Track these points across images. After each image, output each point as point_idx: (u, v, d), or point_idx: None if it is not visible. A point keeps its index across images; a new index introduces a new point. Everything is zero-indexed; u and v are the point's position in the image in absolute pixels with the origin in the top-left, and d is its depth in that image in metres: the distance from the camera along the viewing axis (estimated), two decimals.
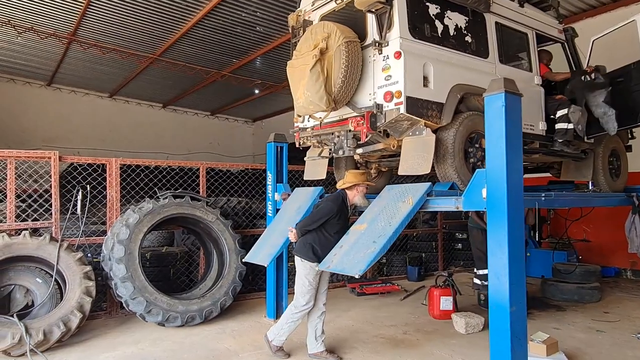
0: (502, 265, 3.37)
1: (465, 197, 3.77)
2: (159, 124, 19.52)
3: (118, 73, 15.03)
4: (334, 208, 4.49)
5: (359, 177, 4.66)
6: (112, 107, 18.55)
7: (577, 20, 9.50)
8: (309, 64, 4.40)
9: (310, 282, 4.50)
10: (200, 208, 6.24)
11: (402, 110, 4.21)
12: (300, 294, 4.53)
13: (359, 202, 4.67)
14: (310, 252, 4.47)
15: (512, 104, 3.49)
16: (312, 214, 4.58)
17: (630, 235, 6.24)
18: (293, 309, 4.57)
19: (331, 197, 4.69)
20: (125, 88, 16.97)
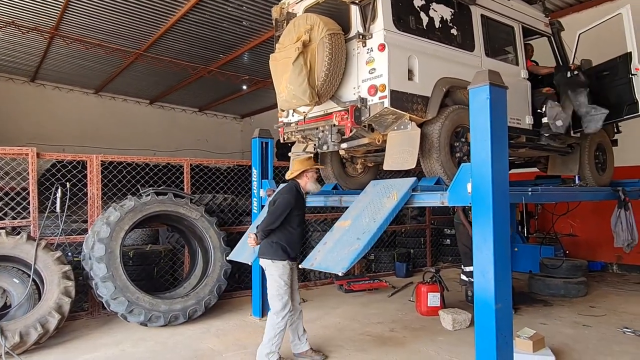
0: (488, 261, 3.32)
1: (450, 192, 3.70)
2: (146, 121, 19.25)
3: (103, 69, 14.76)
4: (292, 199, 4.36)
5: (305, 163, 4.56)
6: (98, 104, 18.25)
7: (564, 15, 9.49)
8: (292, 57, 4.30)
9: (286, 281, 4.37)
10: (184, 205, 6.12)
11: (386, 104, 4.13)
12: (277, 298, 4.32)
13: (311, 189, 4.57)
14: (279, 250, 4.34)
15: (497, 97, 3.43)
16: (271, 212, 4.34)
17: (616, 229, 6.24)
18: (274, 317, 4.32)
19: (284, 189, 4.52)
20: (111, 84, 16.69)
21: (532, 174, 8.06)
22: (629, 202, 6.20)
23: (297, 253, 4.54)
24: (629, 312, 6.14)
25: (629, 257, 8.87)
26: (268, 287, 4.41)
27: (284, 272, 4.36)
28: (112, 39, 11.84)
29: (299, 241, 4.58)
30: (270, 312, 4.39)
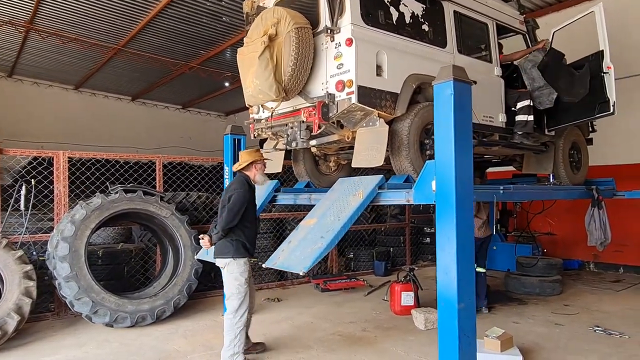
0: (450, 260, 3.25)
1: (415, 189, 3.63)
2: (128, 118, 18.95)
3: (82, 64, 14.47)
4: (245, 193, 4.29)
5: (253, 154, 4.50)
6: (78, 100, 17.92)
7: (543, 14, 9.52)
8: (258, 51, 4.19)
9: (246, 279, 4.30)
10: (154, 203, 5.98)
11: (353, 100, 4.04)
12: (236, 297, 4.24)
13: (260, 180, 4.52)
14: (240, 247, 4.26)
15: (462, 93, 3.36)
16: (229, 209, 4.21)
17: (590, 228, 6.25)
18: (232, 317, 4.23)
19: (235, 184, 4.41)
20: (91, 80, 16.39)
21: (510, 172, 8.07)
22: (602, 201, 6.22)
23: (254, 248, 4.47)
24: (601, 310, 6.15)
25: (605, 256, 8.93)
26: (227, 286, 4.32)
27: (245, 269, 4.28)
28: (89, 34, 11.59)
29: (256, 236, 4.53)
30: (227, 312, 4.29)
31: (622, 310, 6.16)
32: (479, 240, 6.07)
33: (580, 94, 5.33)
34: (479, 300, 6.07)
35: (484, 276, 6.12)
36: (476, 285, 6.06)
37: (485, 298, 6.09)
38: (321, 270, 8.48)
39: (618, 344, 4.83)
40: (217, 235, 4.26)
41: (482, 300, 6.07)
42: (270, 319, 5.91)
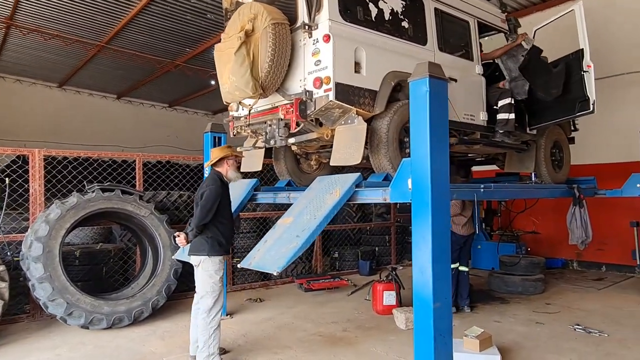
0: (426, 259, 3.20)
1: (392, 188, 3.58)
2: (113, 116, 18.69)
3: (65, 61, 14.23)
4: (218, 189, 4.26)
5: (225, 150, 4.46)
6: (62, 98, 17.63)
7: (528, 14, 9.55)
8: (234, 47, 4.12)
9: (221, 277, 4.26)
10: (132, 202, 5.86)
11: (331, 97, 3.98)
12: (211, 296, 4.19)
13: (232, 177, 4.48)
14: (216, 245, 4.20)
15: (437, 90, 3.31)
16: (202, 206, 4.17)
17: (571, 226, 6.26)
18: (206, 317, 4.17)
19: (207, 181, 4.38)
20: (75, 78, 16.12)
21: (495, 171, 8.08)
22: (583, 199, 6.23)
23: (230, 246, 4.41)
24: (582, 308, 6.17)
25: (588, 254, 9.00)
26: (201, 284, 4.25)
27: (220, 267, 4.23)
28: (70, 30, 11.39)
29: (232, 234, 4.47)
30: (200, 312, 4.21)
31: (603, 308, 6.18)
32: (463, 238, 6.05)
33: (552, 94, 5.33)
34: (461, 299, 6.07)
35: (466, 275, 6.11)
36: (459, 284, 6.10)
37: (467, 297, 6.08)
38: (305, 269, 8.42)
39: (597, 343, 4.83)
40: (192, 232, 4.19)
41: (464, 299, 6.06)
42: (251, 320, 5.84)
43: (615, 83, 8.48)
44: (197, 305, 4.35)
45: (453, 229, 6.00)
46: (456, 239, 5.98)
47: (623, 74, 8.44)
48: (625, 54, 8.46)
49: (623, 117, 8.35)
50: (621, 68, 8.48)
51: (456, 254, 6.01)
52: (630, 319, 5.69)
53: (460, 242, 6.01)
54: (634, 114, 7.92)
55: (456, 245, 5.99)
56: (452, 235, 5.96)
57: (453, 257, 5.98)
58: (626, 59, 8.43)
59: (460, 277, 6.06)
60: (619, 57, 8.50)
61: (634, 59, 8.35)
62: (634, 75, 8.35)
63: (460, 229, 5.98)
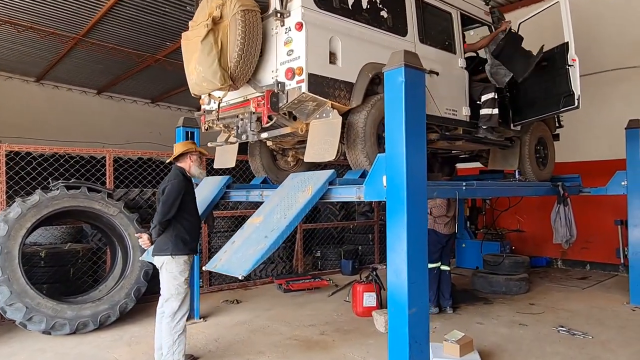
0: (401, 261, 3.00)
1: (366, 185, 3.37)
2: (93, 112, 18.20)
3: (42, 55, 13.76)
4: (181, 184, 4.04)
5: (186, 145, 4.27)
6: (40, 93, 17.10)
7: (513, 10, 9.41)
8: (201, 35, 3.86)
9: (186, 279, 4.04)
10: (100, 200, 5.57)
11: (303, 89, 3.76)
12: (176, 299, 3.97)
13: (196, 173, 4.29)
14: (180, 244, 3.98)
15: (414, 80, 3.11)
16: (163, 202, 3.94)
17: (555, 225, 6.15)
18: (170, 321, 3.95)
19: (170, 176, 4.16)
20: (53, 72, 15.62)
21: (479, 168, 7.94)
22: (568, 197, 6.11)
23: (197, 245, 4.18)
24: (566, 309, 6.04)
25: (573, 253, 8.91)
26: (165, 286, 4.02)
27: (185, 268, 3.99)
28: (45, 22, 10.96)
29: (198, 231, 4.24)
30: (165, 315, 3.97)
31: (587, 308, 6.06)
32: (445, 237, 5.88)
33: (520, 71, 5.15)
34: (443, 299, 5.90)
35: (448, 275, 5.94)
36: (440, 284, 5.92)
37: (450, 297, 5.91)
38: (286, 269, 8.19)
39: (581, 345, 4.69)
40: (155, 230, 3.95)
41: (447, 299, 5.89)
42: (225, 323, 5.59)
43: (602, 79, 8.37)
44: (162, 309, 4.11)
45: (435, 227, 5.83)
46: (438, 238, 5.81)
47: (610, 70, 8.34)
48: (612, 50, 8.36)
49: (609, 114, 8.25)
50: (608, 64, 8.38)
51: (438, 254, 5.83)
52: (614, 319, 5.57)
53: (442, 241, 5.84)
54: (621, 110, 7.82)
55: (438, 245, 5.82)
56: (434, 234, 5.79)
57: (434, 257, 5.80)
58: (613, 55, 8.33)
59: (442, 277, 5.88)
60: (606, 53, 8.40)
61: (622, 55, 8.25)
62: (621, 71, 8.25)
63: (442, 228, 5.80)
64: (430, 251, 5.89)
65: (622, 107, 8.02)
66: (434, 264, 5.81)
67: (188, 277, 4.05)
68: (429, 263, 5.83)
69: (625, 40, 8.20)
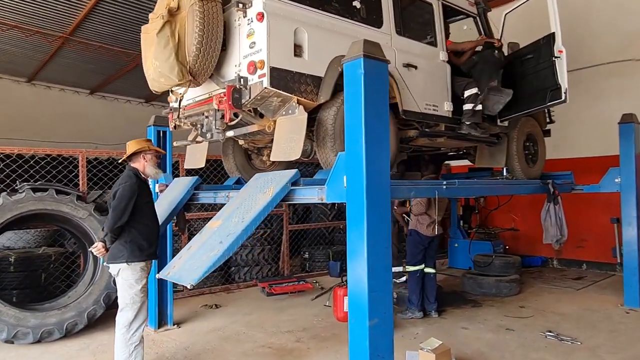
0: (361, 268, 2.77)
1: (328, 186, 3.14)
2: (86, 112, 17.99)
3: (30, 55, 13.55)
4: (133, 186, 3.78)
5: (140, 143, 4.01)
6: (32, 94, 16.89)
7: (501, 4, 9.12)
8: (158, 28, 3.64)
9: (143, 287, 3.80)
10: (69, 203, 5.35)
11: (265, 84, 3.52)
12: (131, 309, 3.75)
13: (151, 173, 4.03)
14: (136, 250, 3.75)
15: (375, 72, 2.87)
16: (114, 207, 3.71)
17: (545, 224, 5.90)
18: (125, 332, 3.74)
19: (122, 178, 3.90)
20: (44, 72, 15.43)
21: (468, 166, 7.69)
22: (558, 195, 5.86)
23: (156, 249, 3.95)
24: (557, 312, 5.79)
25: (568, 252, 8.66)
26: (120, 295, 3.80)
27: (142, 276, 3.77)
28: (29, 20, 10.77)
29: (157, 234, 4.01)
30: (119, 326, 3.76)
31: (579, 311, 5.81)
32: (428, 239, 5.64)
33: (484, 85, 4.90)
34: (428, 303, 5.67)
35: (433, 277, 5.70)
36: (424, 287, 5.69)
37: (435, 301, 5.67)
38: (272, 271, 7.97)
39: (568, 352, 4.44)
40: (108, 237, 3.72)
41: (431, 303, 5.65)
42: (199, 330, 5.37)
43: (595, 73, 8.11)
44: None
45: (417, 228, 5.60)
46: (420, 239, 5.58)
47: (603, 64, 8.07)
48: (605, 42, 8.09)
49: (602, 108, 7.98)
50: (602, 57, 8.11)
51: (420, 255, 5.60)
52: (605, 322, 5.32)
53: (424, 242, 5.60)
54: (614, 105, 7.54)
55: (420, 246, 5.58)
56: (416, 235, 5.56)
57: (417, 259, 5.57)
58: (607, 47, 8.06)
59: (426, 279, 5.65)
60: (599, 46, 8.13)
61: (615, 48, 7.98)
62: (615, 64, 7.98)
63: (425, 229, 5.56)
64: (413, 253, 5.70)
65: (615, 102, 7.75)
66: (417, 267, 5.58)
67: (145, 284, 3.83)
68: (412, 265, 5.62)
69: (619, 32, 7.92)
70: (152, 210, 4.06)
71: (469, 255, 8.05)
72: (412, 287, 5.58)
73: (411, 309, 5.54)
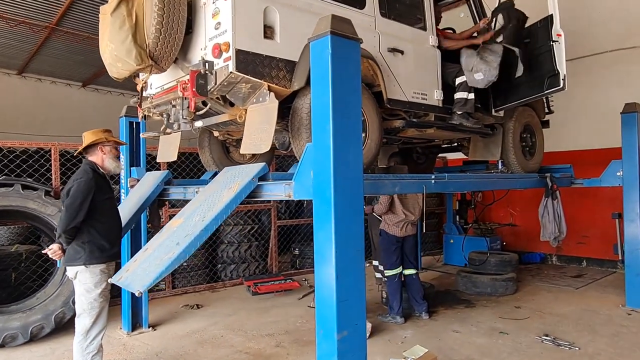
0: (328, 274, 2.46)
1: (296, 181, 2.82)
2: (79, 105, 17.67)
3: (17, 46, 13.21)
4: (89, 182, 3.46)
5: (98, 134, 3.69)
6: (23, 86, 16.58)
7: None
8: (113, 6, 3.31)
9: (103, 291, 3.50)
10: (36, 199, 5.05)
11: (231, 68, 3.19)
12: (88, 315, 3.46)
13: (110, 167, 3.71)
14: (96, 251, 3.45)
15: (344, 52, 2.54)
16: (68, 205, 3.39)
17: (543, 220, 5.58)
18: (82, 340, 3.46)
19: (78, 173, 3.58)
20: (34, 64, 15.12)
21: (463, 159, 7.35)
22: (557, 190, 5.53)
23: (119, 249, 3.65)
24: (555, 313, 5.48)
25: (569, 248, 8.35)
26: (77, 300, 3.52)
27: (102, 279, 3.47)
28: (12, 10, 10.44)
29: (119, 233, 3.70)
30: (76, 334, 3.48)
31: (578, 312, 5.50)
32: (399, 239, 5.30)
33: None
34: (417, 304, 5.36)
35: (416, 278, 5.37)
36: (408, 290, 5.34)
37: (423, 301, 5.35)
38: (259, 269, 7.67)
39: (565, 359, 4.13)
40: (63, 238, 3.41)
41: (420, 304, 5.34)
42: (175, 332, 5.09)
43: (597, 62, 7.75)
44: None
45: (385, 228, 5.29)
46: (390, 239, 5.26)
47: (605, 52, 7.69)
48: (609, 30, 7.70)
49: (605, 98, 7.61)
50: (604, 45, 7.73)
51: (395, 257, 5.27)
52: (606, 325, 5.00)
53: (395, 243, 5.27)
54: (617, 95, 7.18)
55: (392, 247, 5.26)
56: (386, 235, 5.26)
57: (392, 262, 5.25)
58: (611, 35, 7.68)
59: (408, 281, 5.33)
60: (603, 33, 7.75)
61: (618, 35, 7.60)
62: (618, 52, 7.60)
63: (393, 228, 5.24)
64: (387, 255, 5.35)
65: (618, 91, 7.38)
66: (394, 270, 5.26)
67: (106, 288, 3.53)
68: (388, 270, 5.31)
69: (621, 19, 7.54)
70: (113, 207, 3.75)
71: (467, 250, 7.72)
72: (391, 292, 5.26)
73: (392, 314, 5.23)
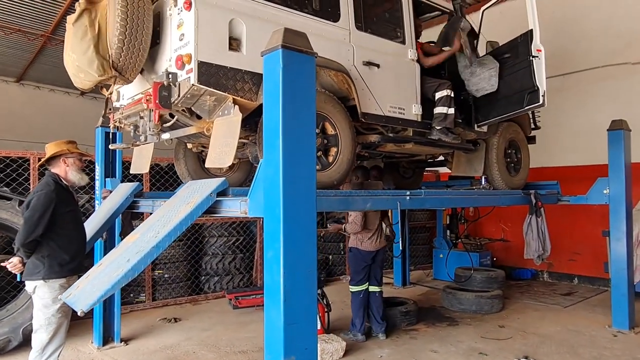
0: (275, 297, 2.35)
1: (250, 198, 2.73)
2: (77, 113, 17.69)
3: (14, 54, 13.35)
4: (50, 194, 3.39)
5: (61, 145, 3.64)
6: (21, 94, 16.71)
7: None
8: (75, 17, 3.26)
9: (61, 307, 3.41)
10: (10, 209, 4.98)
11: (192, 80, 3.13)
12: (45, 331, 3.38)
13: (75, 179, 3.65)
14: (55, 265, 3.38)
15: (297, 67, 2.47)
16: (27, 218, 3.33)
17: (527, 238, 5.46)
18: (39, 356, 3.37)
19: (39, 185, 3.54)
20: (32, 72, 15.27)
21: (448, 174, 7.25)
22: (541, 207, 5.41)
23: (81, 263, 3.55)
24: (539, 333, 5.34)
25: (560, 265, 8.20)
26: (35, 315, 3.43)
27: (61, 294, 3.35)
28: (8, 19, 10.51)
29: (82, 247, 3.61)
30: (32, 350, 3.39)
31: (562, 332, 5.36)
32: (371, 254, 5.19)
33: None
34: (376, 324, 5.22)
35: (379, 296, 5.24)
36: (370, 307, 5.13)
37: (383, 321, 5.19)
38: (244, 282, 7.55)
39: None
40: (23, 252, 3.33)
41: (379, 324, 5.17)
42: (147, 348, 4.97)
43: (586, 77, 7.67)
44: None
45: (357, 245, 5.18)
46: (362, 256, 5.15)
47: (594, 68, 7.61)
48: (597, 46, 7.63)
49: (593, 114, 7.51)
50: (593, 61, 7.66)
51: (363, 274, 5.15)
52: (589, 347, 4.86)
53: (367, 259, 5.16)
54: (605, 111, 7.08)
55: (363, 263, 5.15)
56: (357, 252, 5.15)
57: (360, 277, 5.14)
58: (598, 51, 7.60)
59: (371, 299, 5.20)
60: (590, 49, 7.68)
61: (607, 51, 7.52)
62: (606, 69, 7.52)
63: (367, 244, 5.13)
64: (355, 271, 5.22)
65: (606, 107, 7.29)
66: (360, 286, 5.14)
67: (65, 304, 3.43)
68: (354, 286, 5.20)
69: (612, 34, 7.47)
70: (76, 220, 3.67)
71: (453, 265, 7.59)
72: (354, 308, 5.13)
73: (353, 331, 5.10)
